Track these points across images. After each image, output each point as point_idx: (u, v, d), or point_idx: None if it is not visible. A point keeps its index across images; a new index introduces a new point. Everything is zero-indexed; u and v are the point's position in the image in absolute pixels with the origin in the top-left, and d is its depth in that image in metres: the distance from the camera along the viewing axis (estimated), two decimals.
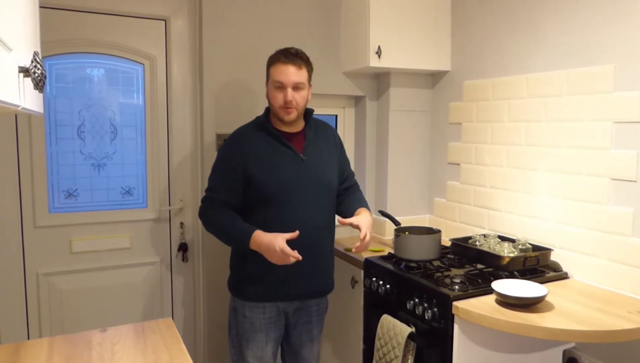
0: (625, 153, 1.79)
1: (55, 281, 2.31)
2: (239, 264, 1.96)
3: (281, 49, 1.91)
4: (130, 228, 2.44)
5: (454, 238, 2.25)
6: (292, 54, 1.87)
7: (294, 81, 1.85)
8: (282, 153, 1.89)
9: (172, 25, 2.44)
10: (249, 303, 1.93)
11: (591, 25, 1.90)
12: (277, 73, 1.85)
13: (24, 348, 1.41)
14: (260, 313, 1.93)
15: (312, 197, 1.91)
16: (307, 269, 1.89)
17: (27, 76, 0.94)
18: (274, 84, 1.86)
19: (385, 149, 2.71)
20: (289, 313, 1.99)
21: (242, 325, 1.95)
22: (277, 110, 1.88)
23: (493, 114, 2.34)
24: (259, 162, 1.86)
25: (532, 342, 1.87)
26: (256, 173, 1.85)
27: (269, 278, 1.88)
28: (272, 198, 1.86)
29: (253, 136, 1.92)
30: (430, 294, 1.83)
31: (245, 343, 1.96)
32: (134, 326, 1.56)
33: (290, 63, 1.85)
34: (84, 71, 2.32)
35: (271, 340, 1.96)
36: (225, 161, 1.91)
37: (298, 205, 1.87)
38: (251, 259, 1.87)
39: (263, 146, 1.89)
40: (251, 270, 1.90)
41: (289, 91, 1.84)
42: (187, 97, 2.50)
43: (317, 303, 2.04)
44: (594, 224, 1.90)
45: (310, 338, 2.07)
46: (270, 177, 1.85)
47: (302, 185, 1.88)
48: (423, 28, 2.52)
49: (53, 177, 2.29)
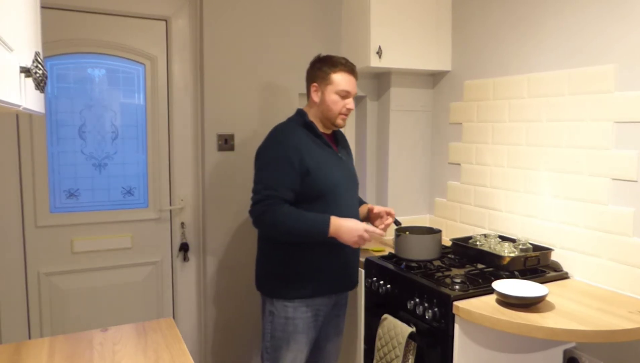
0: (626, 152, 1.79)
1: (56, 281, 2.31)
2: (282, 264, 1.94)
3: (339, 59, 1.98)
4: (131, 228, 2.45)
5: (454, 238, 2.25)
6: (352, 65, 1.99)
7: (356, 92, 2.00)
8: (327, 152, 1.98)
9: (173, 26, 2.44)
10: (292, 304, 1.93)
11: (592, 25, 1.90)
12: (345, 82, 1.95)
13: (25, 348, 1.41)
14: (304, 312, 1.94)
15: (350, 193, 2.04)
16: (349, 263, 1.99)
17: (29, 76, 0.94)
18: (340, 92, 1.94)
19: (385, 149, 2.71)
20: (327, 308, 2.03)
21: (281, 328, 1.95)
22: (335, 116, 1.97)
23: (494, 114, 2.34)
24: (312, 157, 1.90)
25: (533, 342, 1.86)
26: (312, 166, 1.88)
27: (316, 275, 1.94)
28: (324, 193, 1.91)
29: (300, 133, 1.95)
30: (430, 294, 1.83)
31: (285, 346, 1.95)
32: (135, 326, 1.57)
33: (353, 75, 1.98)
34: (85, 71, 2.32)
35: (309, 342, 1.99)
36: (281, 157, 1.87)
37: (343, 201, 1.96)
38: (298, 257, 1.91)
39: (310, 144, 1.94)
40: (298, 269, 1.92)
41: (351, 100, 1.98)
42: (188, 97, 2.50)
43: (346, 296, 2.15)
44: (594, 224, 1.90)
45: (337, 332, 2.15)
46: (323, 172, 1.91)
47: (344, 182, 1.99)
48: (424, 28, 2.52)
49: (54, 177, 2.29)
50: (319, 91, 1.97)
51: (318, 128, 1.98)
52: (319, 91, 1.97)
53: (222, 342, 2.58)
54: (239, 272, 2.53)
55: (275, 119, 2.10)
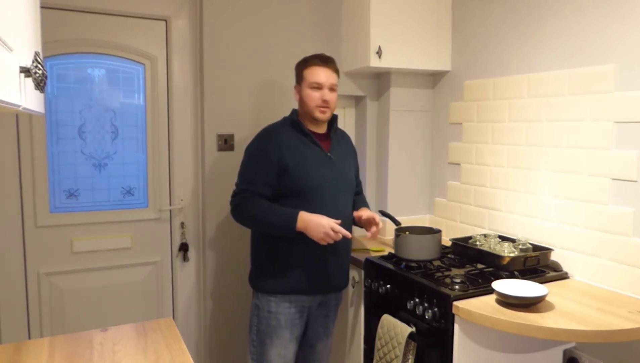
0: (626, 153, 1.79)
1: (56, 281, 2.31)
2: (267, 258, 1.98)
3: (314, 55, 2.02)
4: (131, 228, 2.45)
5: (454, 238, 2.25)
6: (328, 58, 2.01)
7: (331, 82, 1.98)
8: (313, 150, 1.98)
9: (173, 26, 2.44)
10: (275, 298, 1.95)
11: (592, 25, 1.90)
12: (315, 75, 1.97)
13: (25, 348, 1.41)
14: (286, 308, 1.95)
15: (339, 194, 2.02)
16: (333, 263, 1.99)
17: (28, 76, 0.94)
18: (311, 85, 1.96)
19: (385, 149, 2.71)
20: (312, 307, 2.04)
21: (265, 322, 1.97)
22: (312, 109, 1.97)
23: (494, 114, 2.34)
24: (293, 155, 1.92)
25: (533, 342, 1.86)
26: (291, 164, 1.90)
27: (299, 271, 1.94)
28: (304, 192, 1.92)
29: (285, 132, 1.98)
30: (430, 294, 1.83)
31: (269, 341, 1.97)
32: (135, 326, 1.57)
33: (326, 66, 1.98)
34: (85, 71, 2.32)
35: (294, 338, 2.00)
36: (260, 153, 1.94)
37: (326, 200, 1.95)
38: (282, 252, 1.93)
39: (295, 142, 1.96)
40: (282, 263, 1.94)
41: (327, 92, 1.96)
42: (188, 97, 2.50)
43: (336, 297, 2.14)
44: (594, 224, 1.90)
45: (327, 332, 2.14)
46: (303, 170, 1.92)
47: (330, 182, 1.98)
48: (424, 28, 2.52)
49: (54, 177, 2.29)
50: (298, 90, 2.03)
51: (305, 126, 2.00)
52: (298, 90, 2.03)
53: (222, 341, 2.58)
54: (239, 272, 2.53)
55: (275, 119, 2.10)
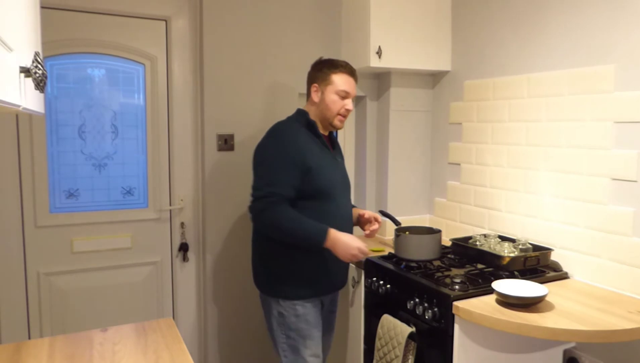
0: (626, 152, 1.79)
1: (56, 281, 2.31)
2: (291, 265, 1.94)
3: (339, 61, 2.01)
4: (131, 228, 2.45)
5: (454, 238, 2.25)
6: (352, 68, 2.02)
7: (355, 93, 2.02)
8: (325, 152, 2.00)
9: (173, 26, 2.44)
10: (300, 301, 1.95)
11: (592, 25, 1.90)
12: (344, 83, 1.97)
13: (25, 348, 1.41)
14: (311, 307, 1.97)
15: (345, 194, 2.07)
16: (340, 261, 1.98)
17: (28, 76, 0.94)
18: (339, 92, 1.96)
19: (385, 149, 2.71)
20: (325, 305, 2.09)
21: (295, 327, 1.95)
22: (333, 116, 1.98)
23: (494, 114, 2.34)
24: (313, 156, 1.91)
25: (533, 342, 1.87)
26: (313, 165, 1.89)
27: (321, 273, 1.98)
28: (321, 193, 1.93)
29: (301, 132, 1.96)
30: (430, 294, 1.83)
31: (302, 344, 1.95)
32: (135, 326, 1.57)
33: (353, 77, 2.00)
34: (85, 71, 2.32)
35: (321, 336, 2.03)
36: (284, 154, 1.87)
37: (339, 201, 1.99)
38: (306, 259, 1.93)
39: (311, 143, 1.95)
40: (306, 268, 1.94)
41: (350, 102, 1.99)
42: (188, 97, 2.50)
43: (339, 294, 2.22)
44: (594, 224, 1.90)
45: (330, 328, 2.19)
46: (323, 171, 1.93)
47: (340, 183, 2.03)
48: (423, 28, 2.52)
49: (54, 177, 2.29)
50: (319, 91, 1.99)
51: (319, 128, 1.99)
52: (319, 91, 1.98)
53: (222, 341, 2.58)
54: (239, 272, 2.53)
55: (275, 119, 2.10)
